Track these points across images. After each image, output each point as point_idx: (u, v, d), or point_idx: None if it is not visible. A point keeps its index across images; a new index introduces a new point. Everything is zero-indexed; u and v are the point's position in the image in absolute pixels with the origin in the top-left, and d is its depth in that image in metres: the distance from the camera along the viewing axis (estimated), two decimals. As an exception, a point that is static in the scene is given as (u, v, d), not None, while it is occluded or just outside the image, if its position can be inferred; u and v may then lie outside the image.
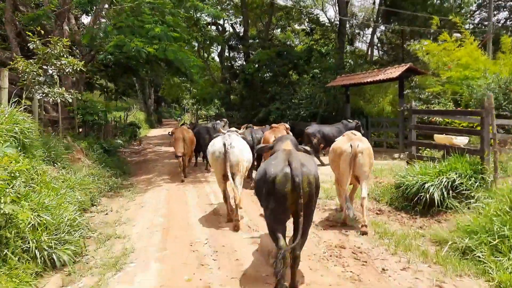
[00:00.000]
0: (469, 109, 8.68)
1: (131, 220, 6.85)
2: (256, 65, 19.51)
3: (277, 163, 3.74)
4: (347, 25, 23.56)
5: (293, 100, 18.61)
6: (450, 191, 5.89)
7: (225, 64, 29.95)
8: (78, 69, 8.52)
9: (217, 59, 33.78)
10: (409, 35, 23.88)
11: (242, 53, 26.21)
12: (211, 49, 31.97)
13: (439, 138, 7.04)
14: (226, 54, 27.78)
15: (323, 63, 21.34)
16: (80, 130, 13.46)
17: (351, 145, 5.30)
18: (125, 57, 13.47)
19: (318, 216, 6.30)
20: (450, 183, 5.91)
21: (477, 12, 23.86)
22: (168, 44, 12.21)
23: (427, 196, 5.90)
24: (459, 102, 11.01)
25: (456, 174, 5.97)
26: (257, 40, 24.39)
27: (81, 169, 9.32)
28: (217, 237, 5.58)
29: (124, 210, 7.68)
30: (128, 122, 26.25)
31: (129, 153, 18.42)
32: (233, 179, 5.71)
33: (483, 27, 20.75)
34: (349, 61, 18.81)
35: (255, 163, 8.99)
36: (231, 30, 28.48)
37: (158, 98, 54.53)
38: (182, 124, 15.34)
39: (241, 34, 26.00)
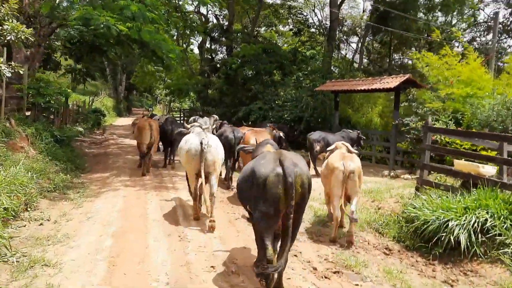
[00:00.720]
0: (502, 133, 7.61)
1: (70, 237, 5.27)
2: (240, 60, 18.01)
3: (267, 162, 3.55)
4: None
5: (276, 101, 17.28)
6: (479, 235, 4.71)
7: (205, 56, 28.27)
8: (23, 37, 6.77)
9: (196, 51, 32.09)
10: (397, 46, 23.23)
11: (225, 47, 24.62)
12: (191, 40, 30.22)
13: (461, 164, 5.89)
14: (207, 45, 26.11)
15: (311, 65, 20.18)
16: (29, 113, 11.52)
17: (343, 165, 5.20)
18: (92, 34, 11.68)
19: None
20: (480, 224, 4.73)
21: (468, 31, 23.52)
22: (144, 25, 10.60)
23: (451, 238, 4.70)
24: (460, 121, 10.05)
25: (487, 213, 4.81)
26: (241, 35, 22.87)
27: (19, 161, 7.58)
28: (181, 276, 4.12)
29: (65, 220, 6.06)
30: (93, 108, 24.08)
31: (89, 144, 16.50)
32: (208, 178, 5.72)
33: (476, 45, 20.30)
34: (339, 66, 17.68)
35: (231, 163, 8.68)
36: (215, 21, 26.86)
37: (130, 85, 52.04)
38: (151, 116, 13.65)
39: (225, 27, 24.42)
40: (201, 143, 5.60)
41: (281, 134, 9.83)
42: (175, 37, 28.35)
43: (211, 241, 5.18)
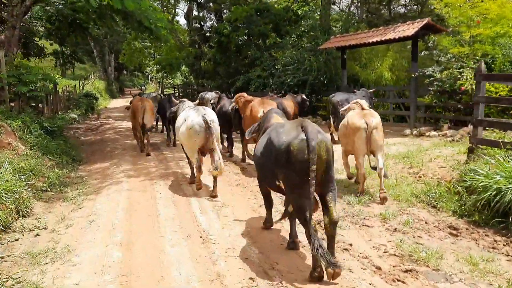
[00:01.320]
0: None
1: (71, 250, 4.39)
2: (232, 25, 16.58)
3: (288, 130, 3.42)
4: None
5: (276, 67, 16.05)
6: None
7: (194, 25, 26.60)
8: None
9: (183, 22, 30.31)
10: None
11: (213, 13, 22.99)
12: (177, 10, 28.42)
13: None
14: (195, 13, 24.41)
15: (304, 25, 18.75)
16: (13, 104, 10.42)
17: (366, 122, 5.18)
18: (70, 9, 10.40)
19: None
20: None
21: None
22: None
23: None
24: (491, 66, 8.97)
25: None
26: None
27: (4, 160, 6.63)
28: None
29: (64, 227, 5.18)
30: (84, 93, 22.81)
31: (84, 131, 15.47)
32: (212, 154, 5.79)
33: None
34: (340, 19, 16.24)
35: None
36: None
37: (119, 65, 50.71)
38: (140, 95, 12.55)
39: (212, -10, 22.66)
40: (206, 121, 5.69)
41: (303, 96, 10.26)
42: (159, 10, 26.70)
43: (240, 241, 4.29)
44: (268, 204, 4.44)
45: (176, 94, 29.50)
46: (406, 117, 11.68)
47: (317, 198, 3.41)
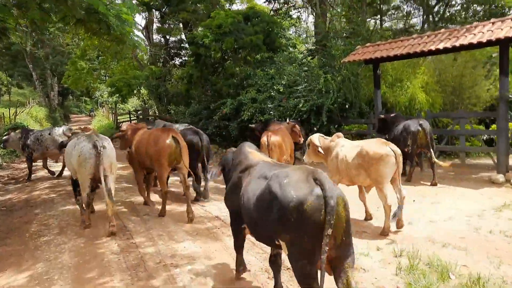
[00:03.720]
0: None
1: None
2: (213, 33, 12.61)
3: (296, 182, 2.76)
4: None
5: (275, 87, 12.28)
6: None
7: (153, 40, 22.42)
8: None
9: (140, 36, 25.85)
10: None
11: (180, 22, 18.87)
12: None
13: None
14: (157, 25, 20.26)
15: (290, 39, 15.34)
16: None
17: (392, 149, 4.91)
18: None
19: None
20: None
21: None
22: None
23: None
24: None
25: None
26: (203, 4, 17.28)
27: None
28: None
29: None
30: (11, 125, 17.55)
31: (4, 182, 10.61)
32: (106, 183, 5.46)
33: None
34: (356, 27, 12.81)
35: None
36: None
37: (64, 90, 45.32)
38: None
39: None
40: (95, 146, 5.50)
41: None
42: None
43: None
44: (240, 247, 3.80)
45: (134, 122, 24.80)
46: (491, 157, 8.30)
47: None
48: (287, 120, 10.13)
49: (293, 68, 12.67)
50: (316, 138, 5.68)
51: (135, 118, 26.02)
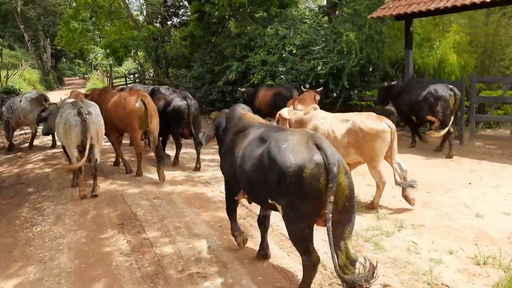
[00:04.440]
0: None
1: None
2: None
3: (295, 146, 2.68)
4: None
5: (287, 47, 11.09)
6: None
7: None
8: None
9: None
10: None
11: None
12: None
13: None
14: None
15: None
16: None
17: (388, 125, 4.47)
18: None
19: None
20: None
21: None
22: None
23: None
24: None
25: None
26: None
27: None
28: None
29: None
30: (2, 89, 16.35)
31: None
32: (91, 152, 5.40)
33: None
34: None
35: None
36: None
37: (57, 52, 43.74)
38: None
39: None
40: (80, 113, 5.30)
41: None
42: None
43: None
44: (233, 212, 3.70)
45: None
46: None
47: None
48: (305, 86, 9.16)
49: (307, 26, 11.40)
50: (286, 112, 5.34)
51: (132, 81, 24.71)
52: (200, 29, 12.24)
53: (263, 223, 3.52)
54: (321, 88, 8.31)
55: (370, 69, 9.90)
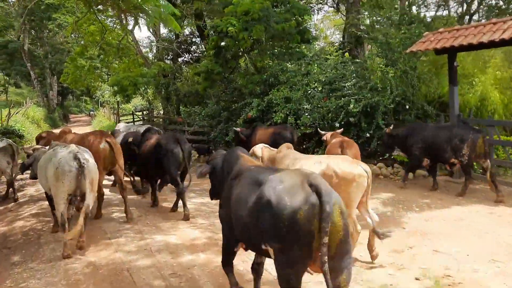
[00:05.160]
0: None
1: None
2: (240, 21, 10.47)
3: (290, 187, 2.66)
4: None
5: (311, 84, 10.17)
6: None
7: (161, 36, 20.29)
8: None
9: (141, 35, 23.66)
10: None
11: (193, 14, 16.71)
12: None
13: None
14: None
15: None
16: None
17: (364, 169, 4.30)
18: None
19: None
20: None
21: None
22: None
23: None
24: None
25: None
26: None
27: None
28: None
29: None
30: (2, 129, 15.47)
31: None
32: (84, 198, 5.03)
33: None
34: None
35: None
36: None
37: (63, 89, 43.71)
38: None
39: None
40: (77, 158, 4.93)
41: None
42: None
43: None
44: (230, 264, 3.58)
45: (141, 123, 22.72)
46: None
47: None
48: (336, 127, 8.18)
49: (332, 61, 10.54)
50: (259, 149, 5.22)
51: (139, 119, 23.91)
52: (218, 65, 11.39)
53: (257, 270, 3.51)
54: (342, 129, 7.39)
55: (407, 106, 8.86)
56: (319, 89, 10.13)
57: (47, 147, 6.15)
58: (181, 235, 5.60)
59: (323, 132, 7.28)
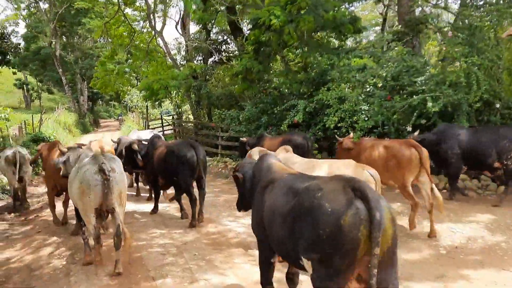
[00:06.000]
0: None
1: None
2: (284, 12, 9.16)
3: (330, 192, 2.47)
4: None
5: (370, 80, 8.74)
6: None
7: (191, 35, 19.27)
8: None
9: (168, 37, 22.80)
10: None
11: (226, 13, 15.51)
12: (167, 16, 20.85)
13: None
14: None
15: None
16: None
17: (371, 175, 4.30)
18: None
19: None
20: None
21: None
22: None
23: None
24: None
25: None
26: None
27: None
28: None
29: None
30: (31, 136, 14.81)
31: (10, 223, 7.62)
32: (113, 215, 4.55)
33: None
34: None
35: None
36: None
37: (93, 94, 44.22)
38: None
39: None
40: (102, 170, 4.43)
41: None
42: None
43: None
44: (269, 282, 3.35)
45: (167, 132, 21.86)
46: None
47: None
48: (411, 133, 6.79)
49: (395, 53, 9.05)
50: (256, 152, 4.96)
51: (168, 123, 23.03)
52: (257, 62, 10.10)
53: (291, 279, 3.36)
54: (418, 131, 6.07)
55: (497, 105, 7.27)
56: (380, 85, 8.68)
57: (80, 148, 5.92)
58: (239, 274, 4.40)
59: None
